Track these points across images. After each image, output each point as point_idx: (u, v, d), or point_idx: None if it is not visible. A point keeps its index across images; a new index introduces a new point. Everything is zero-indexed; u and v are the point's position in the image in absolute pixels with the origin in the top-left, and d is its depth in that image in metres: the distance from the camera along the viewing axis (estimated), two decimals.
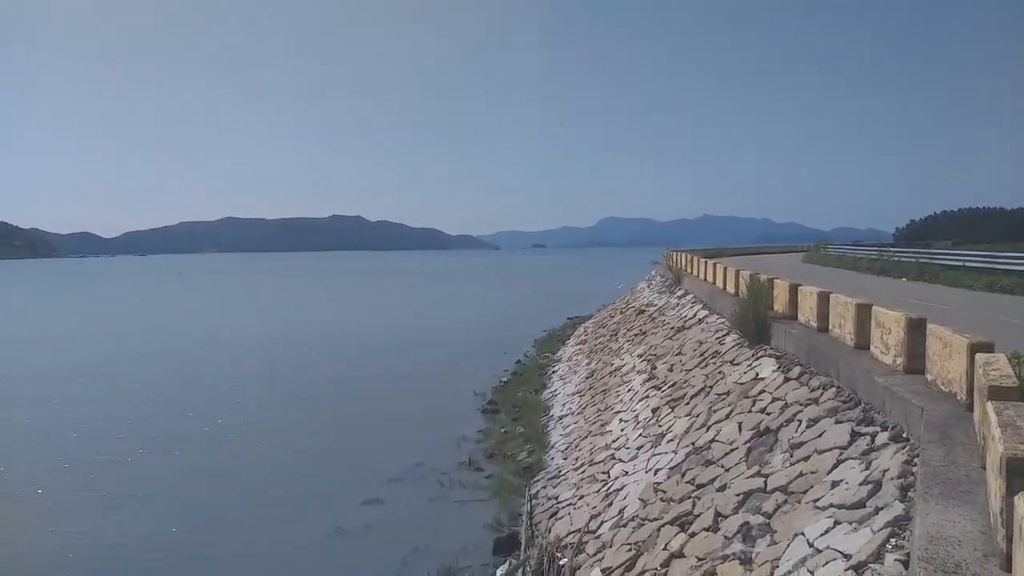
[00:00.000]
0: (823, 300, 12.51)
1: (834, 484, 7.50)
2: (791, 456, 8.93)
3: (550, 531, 12.73)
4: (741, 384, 12.77)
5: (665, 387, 16.56)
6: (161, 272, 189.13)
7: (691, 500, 9.99)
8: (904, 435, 7.53)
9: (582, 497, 13.58)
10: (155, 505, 16.89)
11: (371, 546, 14.47)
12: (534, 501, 14.85)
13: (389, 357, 38.76)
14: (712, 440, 11.37)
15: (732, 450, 10.49)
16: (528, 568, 11.41)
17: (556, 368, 30.31)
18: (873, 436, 7.96)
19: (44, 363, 37.82)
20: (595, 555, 10.73)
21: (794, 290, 14.42)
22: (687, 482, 10.69)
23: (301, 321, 59.57)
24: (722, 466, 10.25)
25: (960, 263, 28.57)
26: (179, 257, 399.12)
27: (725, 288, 21.69)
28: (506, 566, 12.32)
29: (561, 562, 11.07)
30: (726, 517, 8.68)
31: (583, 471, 15.05)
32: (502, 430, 21.88)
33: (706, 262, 27.50)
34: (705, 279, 26.46)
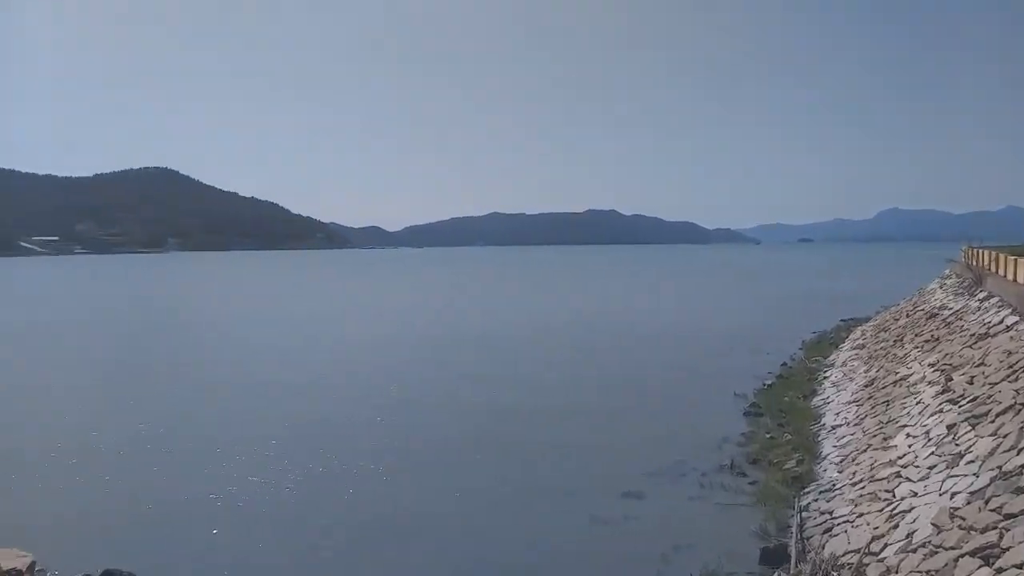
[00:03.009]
0: None
1: None
2: None
3: (824, 547, 11.99)
4: None
5: (964, 401, 14.75)
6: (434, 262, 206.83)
7: (997, 531, 8.85)
8: None
9: (861, 515, 12.59)
10: (428, 481, 18.64)
11: (630, 538, 14.68)
12: (804, 514, 14.07)
13: (648, 351, 38.96)
14: None
15: None
16: None
17: (828, 373, 28.30)
18: None
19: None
20: None
21: None
22: (992, 510, 9.47)
23: (563, 313, 61.78)
24: None
25: None
26: (451, 250, 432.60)
27: None
28: None
29: None
30: None
31: (862, 487, 13.94)
32: (767, 435, 20.96)
33: (1015, 260, 23.92)
34: (1015, 280, 23.04)
